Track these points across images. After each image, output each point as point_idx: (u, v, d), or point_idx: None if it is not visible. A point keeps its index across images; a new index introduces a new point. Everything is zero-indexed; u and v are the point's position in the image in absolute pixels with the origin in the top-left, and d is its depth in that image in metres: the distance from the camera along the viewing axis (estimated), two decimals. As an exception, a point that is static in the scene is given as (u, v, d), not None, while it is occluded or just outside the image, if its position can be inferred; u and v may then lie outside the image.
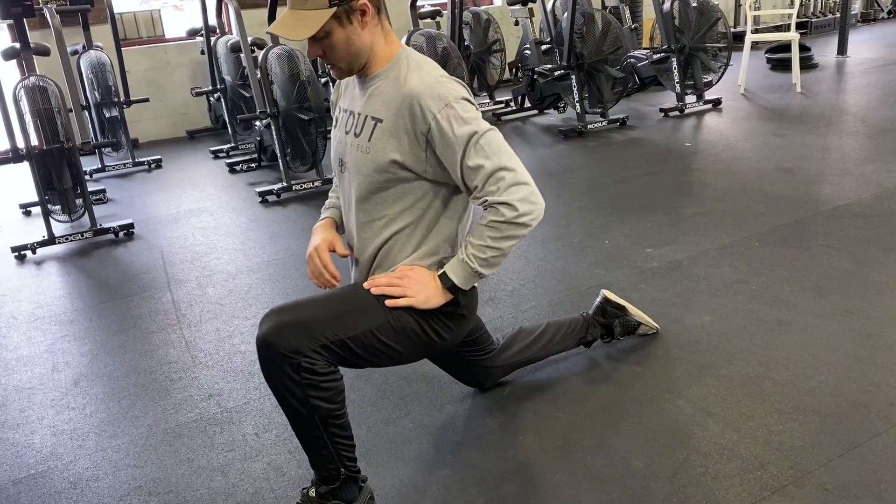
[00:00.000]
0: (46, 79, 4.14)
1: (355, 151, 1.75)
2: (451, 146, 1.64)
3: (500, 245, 1.68)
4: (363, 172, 1.74)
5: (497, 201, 1.64)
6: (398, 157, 1.68)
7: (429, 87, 1.64)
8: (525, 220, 1.66)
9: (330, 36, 1.64)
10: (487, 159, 1.63)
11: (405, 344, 1.76)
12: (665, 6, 6.13)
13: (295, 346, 1.58)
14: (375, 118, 1.70)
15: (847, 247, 3.15)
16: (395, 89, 1.68)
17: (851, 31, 8.81)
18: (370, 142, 1.71)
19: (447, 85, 1.66)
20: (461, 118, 1.63)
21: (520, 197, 1.64)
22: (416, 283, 1.74)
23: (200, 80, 7.03)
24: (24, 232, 4.46)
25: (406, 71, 1.69)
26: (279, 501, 1.91)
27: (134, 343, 2.89)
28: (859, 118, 5.47)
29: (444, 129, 1.63)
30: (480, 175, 1.64)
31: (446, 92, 1.64)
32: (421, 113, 1.63)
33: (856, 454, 1.88)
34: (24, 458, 2.20)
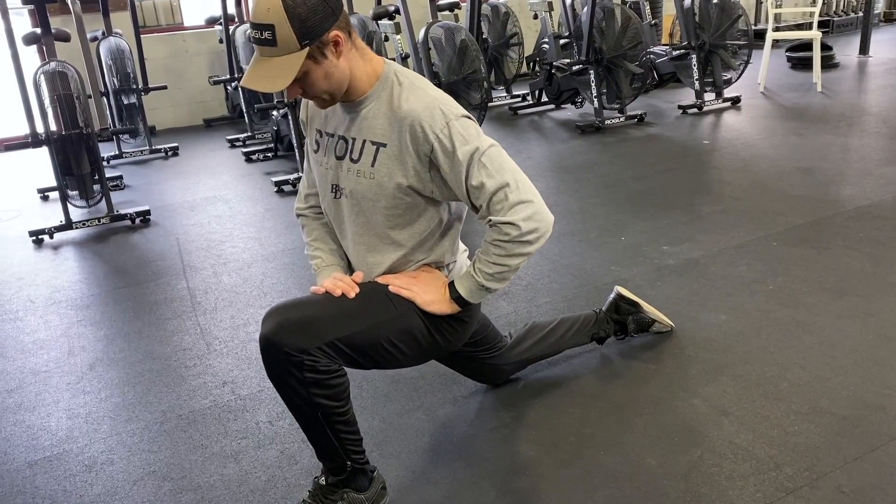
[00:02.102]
0: (66, 64, 4.16)
1: (355, 178, 1.69)
2: (455, 165, 1.60)
3: (507, 263, 1.66)
4: (369, 198, 1.69)
5: (501, 221, 1.61)
6: (404, 181, 1.65)
7: (427, 108, 1.60)
8: (530, 239, 1.63)
9: (308, 75, 1.56)
10: (490, 178, 1.59)
11: (409, 344, 1.75)
12: (686, 2, 6.08)
13: (298, 344, 1.56)
14: (377, 143, 1.65)
15: (866, 248, 3.12)
16: (391, 111, 1.63)
17: (874, 30, 8.71)
18: (374, 167, 1.66)
19: (445, 103, 1.63)
20: (462, 137, 1.59)
21: (524, 216, 1.61)
22: (425, 284, 1.74)
23: (218, 68, 7.05)
24: (42, 216, 4.49)
25: (399, 91, 1.64)
26: (292, 489, 1.91)
27: (149, 329, 2.91)
28: (881, 119, 5.42)
29: (446, 149, 1.59)
30: (484, 194, 1.60)
31: (446, 110, 1.60)
32: (423, 134, 1.59)
33: (872, 457, 1.87)
34: (39, 441, 2.21)
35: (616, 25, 5.74)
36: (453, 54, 5.00)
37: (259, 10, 1.49)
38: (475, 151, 1.59)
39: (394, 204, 1.68)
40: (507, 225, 1.61)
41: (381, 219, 1.71)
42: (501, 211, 1.61)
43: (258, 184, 4.97)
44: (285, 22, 1.47)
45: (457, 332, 1.84)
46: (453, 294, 1.74)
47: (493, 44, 6.94)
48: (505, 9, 6.94)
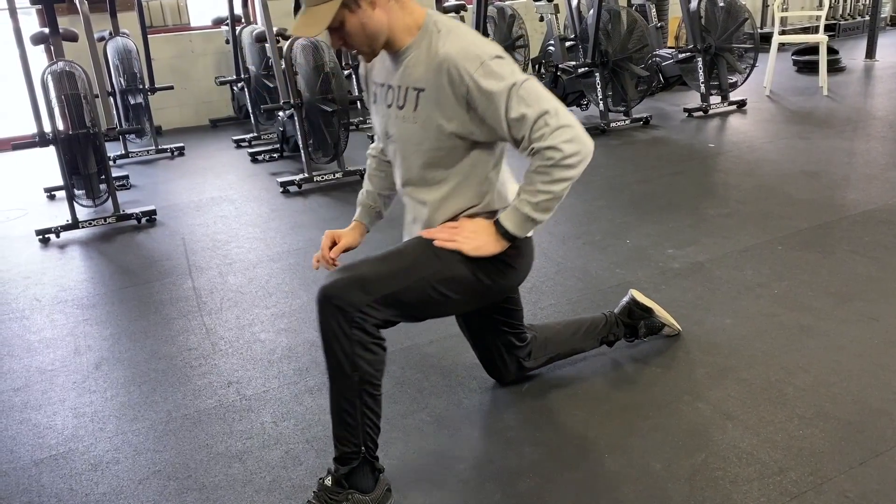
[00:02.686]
0: (74, 64, 4.18)
1: (402, 123, 1.80)
2: (493, 102, 1.66)
3: (552, 188, 1.70)
4: (413, 141, 1.79)
5: (544, 146, 1.66)
6: (445, 122, 1.73)
7: (462, 50, 1.67)
8: (572, 162, 1.68)
9: (345, 25, 1.68)
10: (529, 107, 1.65)
11: (458, 290, 1.82)
12: (692, 5, 6.07)
13: (352, 299, 1.67)
14: (417, 88, 1.74)
15: (872, 252, 3.12)
16: (429, 57, 1.71)
17: (881, 34, 8.68)
18: (416, 111, 1.75)
19: (480, 45, 1.70)
20: (497, 74, 1.66)
21: (565, 139, 1.66)
22: (468, 231, 1.79)
23: (225, 69, 7.06)
24: (49, 215, 4.51)
25: (437, 37, 1.71)
26: (296, 490, 1.92)
27: (155, 329, 2.92)
28: (887, 123, 5.41)
29: (482, 88, 1.66)
30: (525, 124, 1.66)
31: (480, 52, 1.67)
32: (458, 76, 1.66)
33: (877, 462, 1.86)
34: (45, 439, 2.22)
35: (622, 28, 5.74)
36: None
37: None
38: (512, 86, 1.65)
39: (436, 146, 1.77)
40: (550, 149, 1.66)
41: (424, 160, 1.80)
42: (543, 137, 1.66)
43: (264, 184, 4.98)
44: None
45: (504, 276, 1.89)
46: (500, 230, 1.78)
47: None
48: (511, 11, 6.94)
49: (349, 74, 6.51)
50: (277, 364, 2.57)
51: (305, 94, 4.78)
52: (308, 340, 2.72)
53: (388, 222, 2.32)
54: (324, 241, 2.15)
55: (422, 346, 2.59)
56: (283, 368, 2.53)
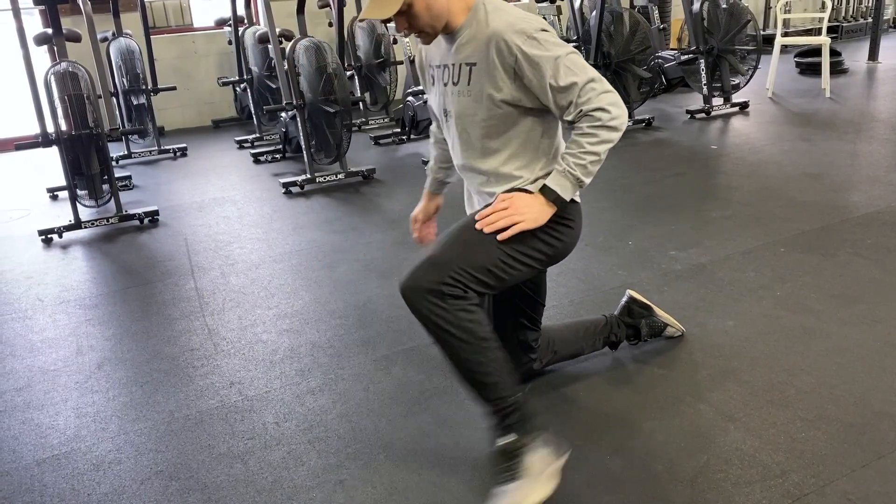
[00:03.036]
0: (77, 65, 4.19)
1: (457, 98, 1.90)
2: (539, 71, 1.75)
3: (598, 149, 1.77)
4: (468, 114, 1.88)
5: (592, 108, 1.74)
6: (495, 92, 1.81)
7: (510, 25, 1.77)
8: (616, 124, 1.76)
9: (412, 7, 1.77)
10: (576, 76, 1.74)
11: (529, 256, 1.88)
12: (694, 7, 6.08)
13: (431, 278, 1.75)
14: (469, 63, 1.84)
15: (875, 255, 3.12)
16: (479, 33, 1.81)
17: (883, 36, 8.68)
18: (469, 85, 1.85)
19: (526, 20, 1.79)
20: (542, 46, 1.75)
21: (610, 101, 1.75)
22: (521, 206, 1.83)
23: (227, 69, 7.07)
24: (51, 216, 4.52)
25: (485, 15, 1.82)
26: (298, 490, 1.92)
27: (157, 329, 2.92)
28: (890, 125, 5.40)
29: (530, 58, 1.75)
30: (574, 91, 1.75)
31: (526, 26, 1.77)
32: (507, 48, 1.76)
33: (880, 465, 1.86)
34: (48, 439, 2.23)
35: (624, 30, 5.75)
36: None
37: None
38: (557, 57, 1.74)
39: (489, 115, 1.85)
40: (599, 111, 1.74)
41: (480, 131, 1.89)
42: (590, 101, 1.74)
43: (266, 185, 4.98)
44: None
45: (568, 232, 1.99)
46: (550, 196, 1.83)
47: (502, 47, 6.94)
48: (513, 12, 6.94)
49: (351, 75, 6.52)
50: (279, 365, 2.57)
51: (308, 95, 4.79)
52: (310, 341, 2.72)
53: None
54: (413, 227, 2.37)
55: (424, 347, 2.59)
56: (285, 369, 2.54)
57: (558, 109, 1.80)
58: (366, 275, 3.31)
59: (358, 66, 6.57)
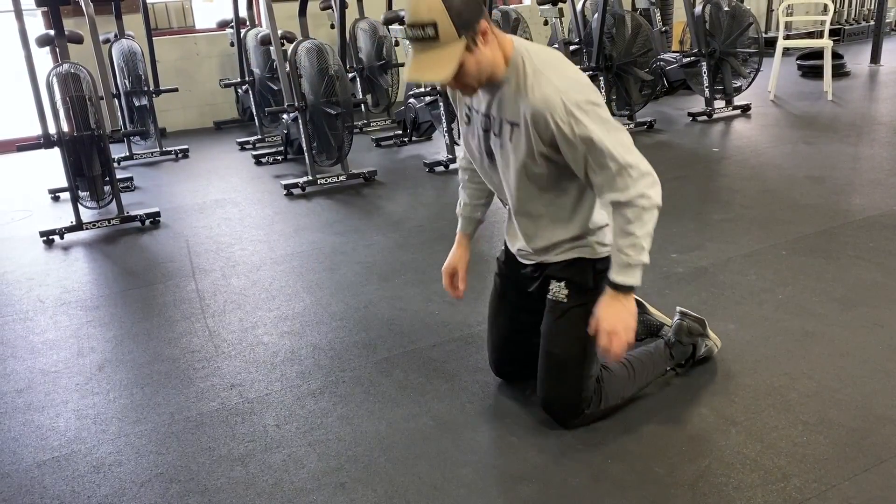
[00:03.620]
0: (79, 66, 4.19)
1: (500, 149, 1.91)
2: (576, 151, 1.76)
3: (648, 229, 1.80)
4: (511, 166, 1.90)
5: (634, 195, 1.76)
6: (537, 154, 1.82)
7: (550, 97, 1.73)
8: (657, 202, 1.80)
9: (463, 65, 1.72)
10: (613, 160, 1.74)
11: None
12: (696, 9, 6.07)
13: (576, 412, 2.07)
14: (511, 122, 1.84)
15: (876, 258, 3.11)
16: (519, 95, 1.79)
17: (885, 39, 8.67)
18: (512, 142, 1.86)
19: (566, 92, 1.74)
20: (581, 124, 1.73)
21: (648, 184, 1.78)
22: (612, 322, 1.85)
23: (229, 71, 7.07)
24: (53, 217, 4.52)
25: (524, 77, 1.78)
26: (299, 493, 1.92)
27: (158, 331, 2.92)
28: (891, 128, 5.40)
29: (566, 136, 1.74)
30: (609, 173, 1.76)
31: (566, 100, 1.73)
32: (544, 122, 1.75)
33: (881, 469, 1.86)
34: (48, 441, 2.23)
35: (626, 32, 5.74)
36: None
37: (420, 10, 1.66)
38: (593, 139, 1.73)
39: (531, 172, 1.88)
40: (641, 198, 1.77)
41: (521, 182, 1.92)
42: (629, 187, 1.76)
43: (268, 187, 4.98)
44: (445, 16, 1.65)
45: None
46: (623, 290, 1.85)
47: (503, 49, 6.94)
48: (515, 15, 6.94)
49: (353, 77, 6.52)
50: (280, 367, 2.56)
51: (309, 97, 4.79)
52: (311, 343, 2.72)
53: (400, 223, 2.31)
54: (446, 281, 2.27)
55: (425, 349, 2.59)
56: (286, 371, 2.53)
57: (595, 188, 1.83)
58: (367, 277, 3.31)
59: (359, 67, 6.57)
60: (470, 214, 2.28)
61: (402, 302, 2.99)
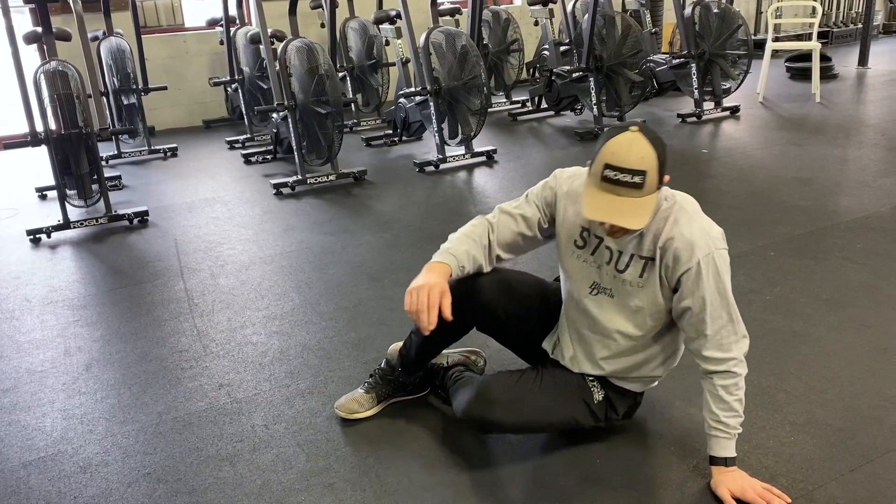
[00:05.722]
0: (67, 64, 4.16)
1: (620, 285, 1.85)
2: (697, 292, 1.74)
3: (742, 395, 1.81)
4: (630, 304, 1.85)
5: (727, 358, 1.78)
6: (660, 297, 1.81)
7: (692, 235, 1.73)
8: (746, 371, 1.81)
9: None
10: (719, 317, 1.76)
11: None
12: (686, 11, 6.10)
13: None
14: (644, 257, 1.80)
15: (864, 259, 3.13)
16: (658, 232, 1.77)
17: (873, 42, 8.74)
18: (641, 278, 1.81)
19: (709, 233, 1.76)
20: (715, 271, 1.74)
21: (744, 349, 1.80)
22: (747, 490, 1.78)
23: (219, 70, 7.05)
24: (40, 215, 4.49)
25: (664, 213, 1.77)
26: (287, 493, 1.91)
27: (146, 330, 2.90)
28: (879, 130, 5.43)
29: (692, 278, 1.74)
30: (718, 323, 1.76)
31: (709, 241, 1.74)
32: (683, 257, 1.73)
33: (868, 469, 1.87)
34: (34, 441, 2.21)
35: (616, 33, 5.75)
36: (454, 59, 5.01)
37: (632, 158, 1.60)
38: (714, 289, 1.74)
39: (648, 312, 1.85)
40: (738, 364, 1.78)
41: (633, 321, 1.87)
42: (731, 347, 1.78)
43: (257, 186, 4.97)
44: (655, 169, 1.62)
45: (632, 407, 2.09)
46: (731, 463, 1.82)
47: (494, 49, 6.95)
48: (506, 15, 6.95)
49: (343, 77, 6.51)
50: (269, 367, 2.55)
51: (299, 96, 4.78)
52: (300, 343, 2.71)
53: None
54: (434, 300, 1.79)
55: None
56: (275, 371, 2.52)
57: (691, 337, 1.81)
58: (357, 277, 3.30)
59: (350, 67, 6.56)
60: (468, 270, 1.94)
61: (392, 302, 2.99)
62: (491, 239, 1.95)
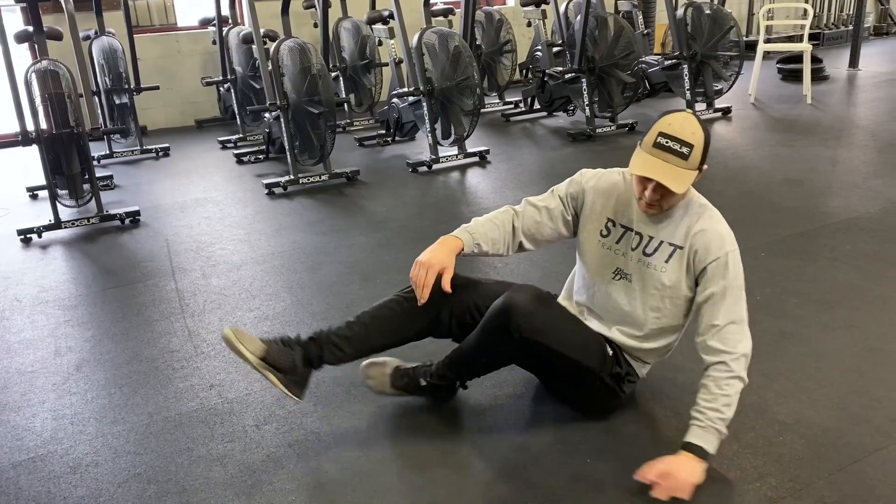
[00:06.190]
0: (58, 63, 4.15)
1: (645, 268, 1.98)
2: (716, 284, 1.87)
3: (738, 391, 1.84)
4: (653, 285, 1.98)
5: (738, 355, 1.83)
6: (685, 283, 1.94)
7: (719, 232, 1.91)
8: (747, 374, 1.85)
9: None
10: (731, 312, 1.85)
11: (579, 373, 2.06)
12: (678, 12, 6.12)
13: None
14: (673, 245, 1.94)
15: (853, 260, 3.15)
16: (690, 225, 1.93)
17: (864, 44, 8.78)
18: (667, 263, 1.95)
19: (731, 235, 1.93)
20: (733, 268, 1.88)
21: (749, 348, 1.86)
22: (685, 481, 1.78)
23: (211, 69, 7.03)
24: (31, 215, 4.47)
25: (699, 211, 1.94)
26: (278, 494, 1.91)
27: (137, 330, 2.90)
28: (869, 132, 5.46)
29: (719, 270, 1.87)
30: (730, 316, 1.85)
31: (731, 241, 1.91)
32: (709, 249, 1.88)
33: (855, 469, 1.88)
34: (24, 441, 2.20)
35: (609, 34, 5.77)
36: (447, 60, 5.01)
37: (685, 130, 1.82)
38: (734, 285, 1.87)
39: (667, 295, 1.97)
40: (740, 360, 1.83)
41: (654, 304, 1.99)
42: (738, 344, 1.84)
43: (249, 186, 4.96)
44: (701, 147, 1.83)
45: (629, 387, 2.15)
46: (699, 453, 1.80)
47: (487, 50, 6.95)
48: (499, 16, 6.96)
49: (336, 76, 6.50)
50: (260, 367, 2.55)
51: (292, 96, 4.77)
52: (291, 343, 2.70)
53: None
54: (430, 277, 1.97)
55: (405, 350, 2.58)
56: (266, 371, 2.52)
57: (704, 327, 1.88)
58: (349, 277, 3.30)
59: (343, 67, 6.55)
60: (485, 249, 2.06)
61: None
62: (516, 226, 2.10)
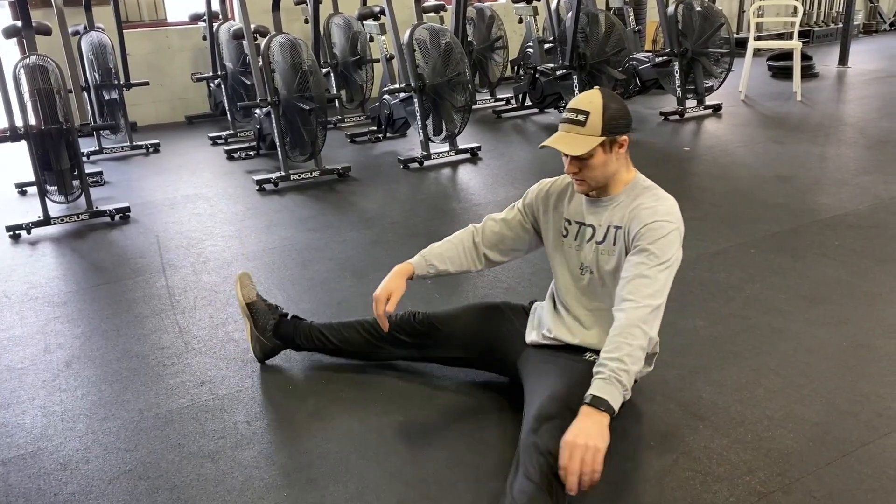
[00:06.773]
0: (47, 58, 4.12)
1: (601, 255, 2.03)
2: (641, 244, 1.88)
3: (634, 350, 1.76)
4: (608, 269, 2.01)
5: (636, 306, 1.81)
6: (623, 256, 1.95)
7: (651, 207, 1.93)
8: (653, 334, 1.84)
9: (593, 158, 1.93)
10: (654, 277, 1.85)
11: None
12: (669, 10, 6.13)
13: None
14: (616, 226, 1.98)
15: (841, 256, 3.17)
16: (629, 205, 1.97)
17: (853, 41, 8.82)
18: (614, 245, 1.99)
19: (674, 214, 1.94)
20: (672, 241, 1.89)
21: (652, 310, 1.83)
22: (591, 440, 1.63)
23: (201, 65, 7.01)
24: (20, 212, 4.44)
25: (639, 192, 1.99)
26: (269, 490, 1.91)
27: (127, 327, 2.89)
28: (858, 129, 5.49)
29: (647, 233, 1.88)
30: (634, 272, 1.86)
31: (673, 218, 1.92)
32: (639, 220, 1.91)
33: (844, 463, 1.90)
34: (14, 438, 2.19)
35: (600, 31, 5.78)
36: (438, 56, 5.01)
37: (582, 101, 1.93)
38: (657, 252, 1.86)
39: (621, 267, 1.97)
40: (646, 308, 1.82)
41: (611, 283, 2.00)
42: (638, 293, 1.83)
43: (239, 182, 4.95)
44: (598, 113, 1.90)
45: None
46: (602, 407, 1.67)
47: (478, 47, 6.95)
48: (490, 12, 6.96)
49: (327, 73, 6.49)
50: (251, 363, 2.55)
51: (283, 92, 4.76)
52: (282, 340, 2.70)
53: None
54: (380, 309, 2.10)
55: (397, 346, 2.59)
56: (257, 368, 2.52)
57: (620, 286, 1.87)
58: (340, 274, 3.30)
59: (334, 63, 6.54)
60: (443, 268, 2.18)
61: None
62: (476, 241, 2.21)
